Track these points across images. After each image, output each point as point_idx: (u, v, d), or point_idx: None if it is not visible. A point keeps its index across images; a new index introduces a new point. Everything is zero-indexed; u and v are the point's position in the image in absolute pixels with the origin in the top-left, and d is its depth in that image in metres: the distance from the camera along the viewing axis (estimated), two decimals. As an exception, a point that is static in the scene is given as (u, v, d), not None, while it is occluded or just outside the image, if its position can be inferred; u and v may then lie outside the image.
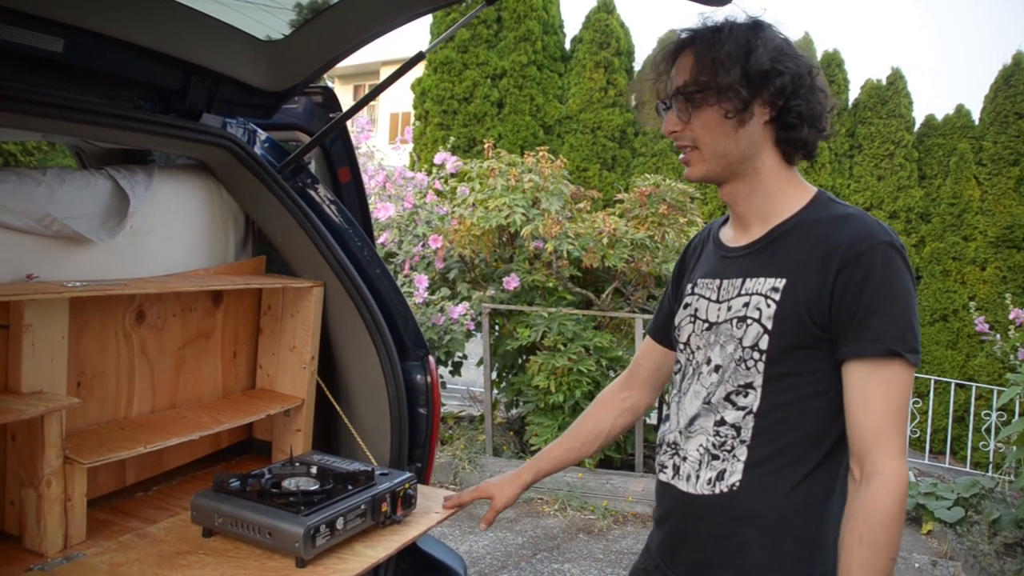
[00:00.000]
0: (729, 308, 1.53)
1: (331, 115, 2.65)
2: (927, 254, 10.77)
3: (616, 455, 6.08)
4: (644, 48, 13.59)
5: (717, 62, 1.44)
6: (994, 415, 7.99)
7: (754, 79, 1.43)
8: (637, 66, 12.76)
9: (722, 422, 1.52)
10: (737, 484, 1.49)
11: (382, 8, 2.20)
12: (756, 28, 1.48)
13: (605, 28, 11.98)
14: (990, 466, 8.16)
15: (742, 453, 1.49)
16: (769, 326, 1.45)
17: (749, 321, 1.48)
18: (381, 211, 5.86)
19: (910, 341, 1.36)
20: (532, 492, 5.81)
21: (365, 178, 6.20)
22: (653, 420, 6.72)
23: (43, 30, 1.88)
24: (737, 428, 1.50)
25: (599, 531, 5.32)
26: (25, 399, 1.90)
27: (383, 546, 1.97)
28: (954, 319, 10.54)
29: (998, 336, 6.24)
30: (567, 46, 12.50)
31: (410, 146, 11.56)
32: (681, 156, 1.56)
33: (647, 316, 6.06)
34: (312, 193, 2.48)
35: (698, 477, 1.54)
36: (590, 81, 11.92)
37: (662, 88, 1.56)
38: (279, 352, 2.51)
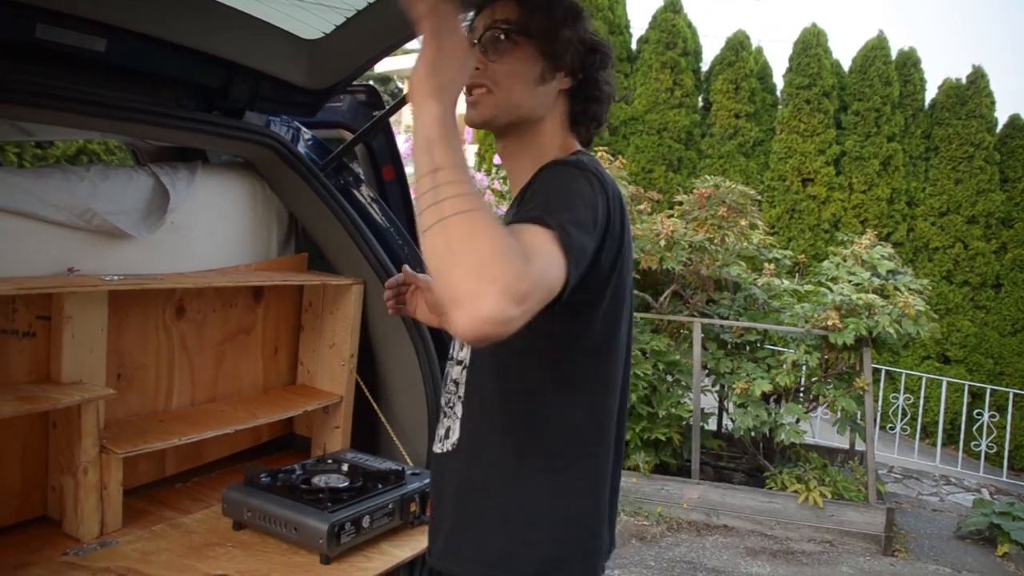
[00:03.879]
0: None
1: (375, 113, 2.65)
2: (1008, 261, 10.33)
3: (672, 461, 5.97)
4: (711, 48, 13.39)
5: (554, 15, 1.42)
6: (1077, 430, 7.62)
7: (569, 43, 1.43)
8: (705, 66, 12.57)
9: (447, 378, 1.48)
10: (456, 443, 1.42)
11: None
12: (578, 7, 1.48)
13: (672, 28, 11.82)
14: (1072, 484, 7.79)
15: (459, 410, 1.43)
16: None
17: None
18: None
19: (557, 216, 1.14)
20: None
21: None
22: (712, 426, 6.59)
23: (86, 30, 1.92)
24: (457, 384, 1.45)
25: (652, 538, 5.23)
26: (64, 389, 1.94)
27: (410, 546, 1.96)
28: (1036, 329, 10.10)
29: (1080, 347, 5.95)
30: (633, 47, 12.37)
31: (475, 147, 11.60)
32: (469, 96, 1.46)
33: (706, 320, 5.95)
34: (354, 191, 2.49)
35: (438, 437, 1.49)
36: (656, 82, 11.77)
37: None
38: (319, 349, 2.53)
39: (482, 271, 0.95)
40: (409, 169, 3.12)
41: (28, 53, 1.89)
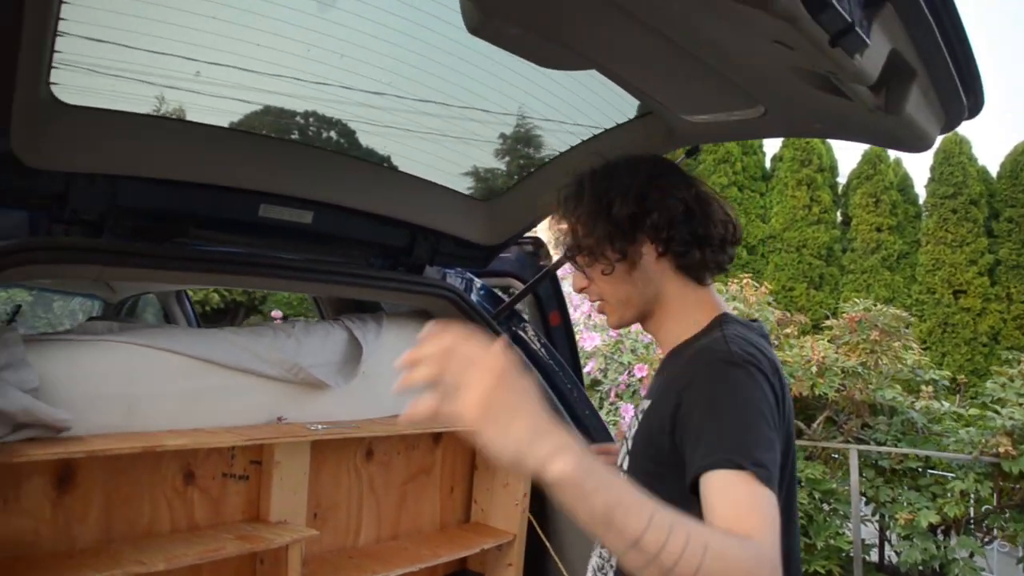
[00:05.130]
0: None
1: (541, 263, 2.84)
2: None
3: (835, 596, 5.69)
4: (847, 162, 13.27)
5: (581, 224, 1.46)
6: None
7: (624, 226, 1.43)
8: (841, 180, 12.50)
9: (600, 543, 1.46)
10: None
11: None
12: (613, 174, 1.47)
13: (806, 145, 11.88)
14: None
15: None
16: (630, 445, 1.41)
17: (627, 442, 1.45)
18: (587, 340, 6.00)
19: (743, 453, 1.17)
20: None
21: (571, 308, 6.40)
22: (873, 558, 6.26)
23: (297, 206, 2.20)
24: (611, 553, 1.42)
25: None
26: (273, 528, 2.13)
27: None
28: None
29: None
30: (767, 165, 12.47)
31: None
32: (600, 310, 1.56)
33: (862, 447, 5.76)
34: (524, 337, 2.64)
35: None
36: (793, 199, 11.78)
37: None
38: (493, 488, 2.65)
39: None
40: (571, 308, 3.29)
41: (252, 229, 2.17)
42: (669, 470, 1.29)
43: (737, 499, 1.13)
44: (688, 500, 1.23)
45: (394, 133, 2.35)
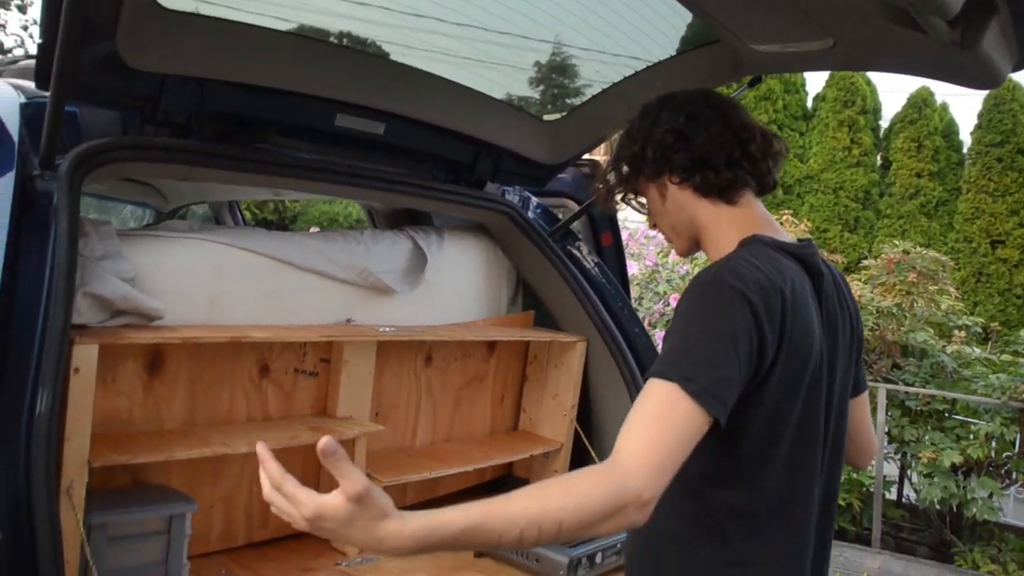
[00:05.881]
0: None
1: (599, 184, 2.90)
2: None
3: (850, 527, 5.85)
4: (892, 105, 13.04)
5: (607, 174, 1.62)
6: None
7: (634, 164, 1.54)
8: (884, 123, 12.31)
9: None
10: None
11: (653, 90, 2.43)
12: (631, 125, 1.57)
13: (850, 86, 11.68)
14: None
15: None
16: None
17: None
18: (623, 269, 6.09)
19: (676, 366, 1.26)
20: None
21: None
22: (893, 496, 6.40)
23: (371, 117, 2.27)
24: None
25: (832, 605, 5.14)
26: (340, 422, 2.27)
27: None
28: None
29: None
30: (809, 104, 12.30)
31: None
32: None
33: (891, 386, 5.85)
34: (578, 255, 2.73)
35: None
36: (833, 140, 11.64)
37: None
38: (542, 399, 2.77)
39: (599, 514, 1.13)
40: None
41: (327, 138, 2.26)
42: None
43: (647, 406, 1.24)
44: None
45: (464, 50, 2.41)
